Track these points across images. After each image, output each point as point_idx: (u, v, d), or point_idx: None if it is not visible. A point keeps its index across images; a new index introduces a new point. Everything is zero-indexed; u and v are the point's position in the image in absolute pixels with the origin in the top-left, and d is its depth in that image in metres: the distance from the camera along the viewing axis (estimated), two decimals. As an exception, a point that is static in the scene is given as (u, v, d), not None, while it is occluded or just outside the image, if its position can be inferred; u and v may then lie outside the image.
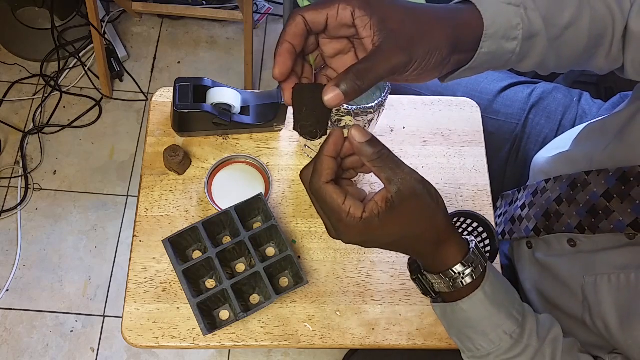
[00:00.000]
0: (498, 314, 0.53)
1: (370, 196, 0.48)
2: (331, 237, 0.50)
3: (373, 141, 0.46)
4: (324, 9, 0.43)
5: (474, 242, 0.53)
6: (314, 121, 0.46)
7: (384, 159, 0.46)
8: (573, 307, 0.65)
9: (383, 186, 0.47)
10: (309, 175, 0.48)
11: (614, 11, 0.55)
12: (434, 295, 0.58)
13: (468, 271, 0.51)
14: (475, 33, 0.48)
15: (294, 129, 0.47)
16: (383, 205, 0.46)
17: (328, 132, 0.47)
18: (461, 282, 0.52)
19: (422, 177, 0.47)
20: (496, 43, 0.49)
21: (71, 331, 1.41)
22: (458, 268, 0.51)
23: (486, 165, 0.83)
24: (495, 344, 0.55)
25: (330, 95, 0.42)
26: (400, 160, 0.47)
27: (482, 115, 0.86)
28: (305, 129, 0.46)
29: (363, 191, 0.50)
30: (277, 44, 0.44)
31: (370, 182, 0.80)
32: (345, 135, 0.47)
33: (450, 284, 0.52)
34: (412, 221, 0.47)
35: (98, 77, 1.65)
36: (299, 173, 0.50)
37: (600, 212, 0.61)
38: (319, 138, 0.47)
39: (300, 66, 0.48)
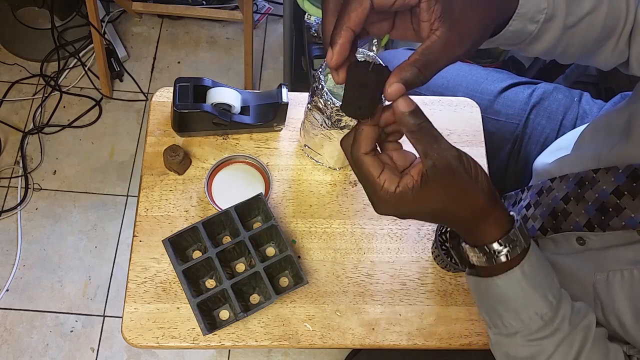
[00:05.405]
0: (533, 295, 0.52)
1: (412, 166, 0.47)
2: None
3: (416, 112, 0.44)
4: None
5: (518, 222, 0.51)
6: (363, 102, 0.45)
7: (423, 131, 0.44)
8: None
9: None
10: (349, 145, 0.47)
11: (630, 3, 0.55)
12: (469, 266, 0.56)
13: (504, 250, 0.50)
14: (510, 12, 0.49)
15: (341, 109, 0.46)
16: (418, 179, 0.45)
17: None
18: (494, 260, 0.51)
19: (460, 153, 0.46)
20: (522, 23, 0.50)
21: (71, 331, 1.41)
22: (494, 246, 0.50)
23: (486, 165, 0.83)
24: (525, 324, 0.53)
25: (394, 88, 0.43)
26: (440, 135, 0.45)
27: (482, 116, 0.86)
28: (354, 110, 0.45)
29: (410, 154, 0.49)
30: (334, 29, 0.43)
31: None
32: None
33: (484, 259, 0.51)
34: (445, 197, 0.46)
35: (98, 77, 1.65)
36: (299, 173, 0.50)
37: (611, 209, 0.60)
38: (365, 119, 0.46)
39: None
